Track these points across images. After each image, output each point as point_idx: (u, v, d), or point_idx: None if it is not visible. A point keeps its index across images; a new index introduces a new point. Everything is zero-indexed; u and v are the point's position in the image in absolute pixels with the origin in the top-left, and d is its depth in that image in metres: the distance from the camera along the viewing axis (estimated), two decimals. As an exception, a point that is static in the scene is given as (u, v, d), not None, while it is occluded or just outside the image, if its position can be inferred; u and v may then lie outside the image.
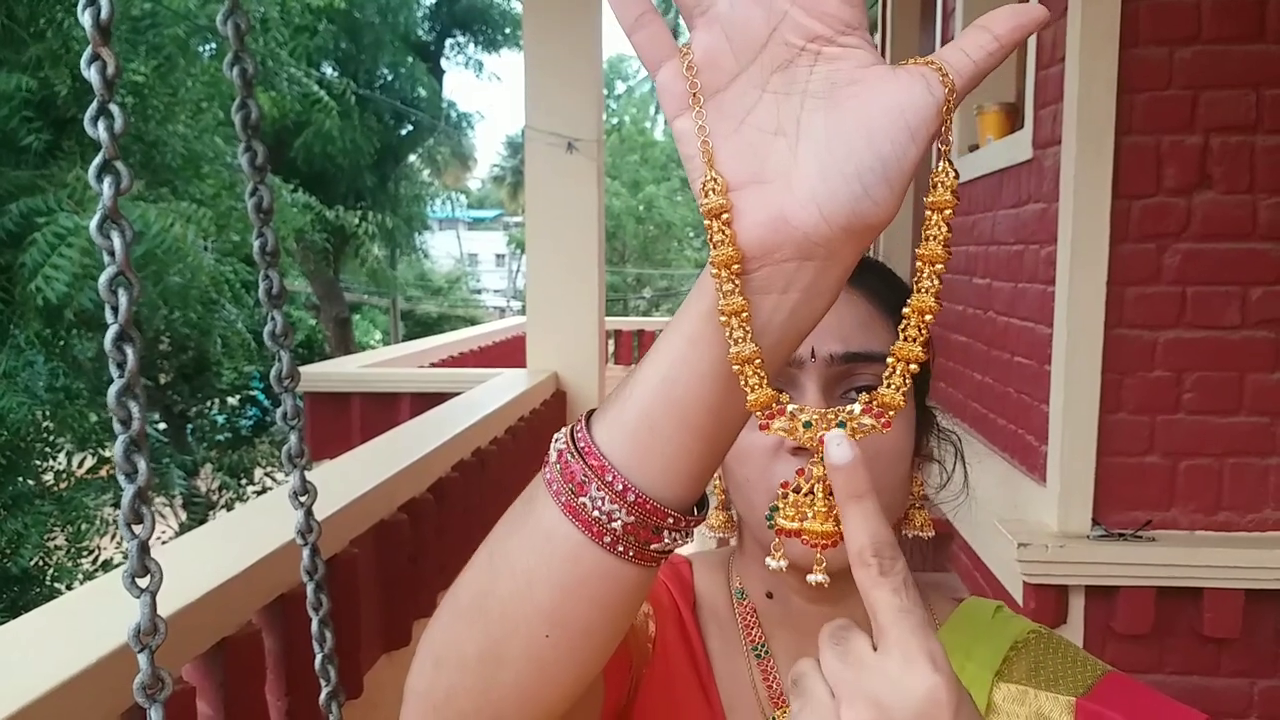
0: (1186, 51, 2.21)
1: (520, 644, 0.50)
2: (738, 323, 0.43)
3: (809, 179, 0.41)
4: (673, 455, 0.47)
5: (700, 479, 0.49)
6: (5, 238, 5.35)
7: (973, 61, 0.42)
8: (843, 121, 0.41)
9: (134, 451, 0.47)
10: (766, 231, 0.42)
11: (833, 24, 0.41)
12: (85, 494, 6.11)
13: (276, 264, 0.66)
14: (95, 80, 0.48)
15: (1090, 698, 0.68)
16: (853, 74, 0.41)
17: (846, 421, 0.45)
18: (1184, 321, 2.27)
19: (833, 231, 0.41)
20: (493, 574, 0.51)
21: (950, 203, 0.43)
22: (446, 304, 22.07)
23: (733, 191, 0.42)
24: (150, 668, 0.48)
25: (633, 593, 0.50)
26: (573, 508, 0.48)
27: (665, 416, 0.46)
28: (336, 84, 10.76)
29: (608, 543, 0.47)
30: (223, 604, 1.31)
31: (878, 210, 0.41)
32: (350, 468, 2.21)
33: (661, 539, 0.48)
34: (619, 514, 0.47)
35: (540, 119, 3.87)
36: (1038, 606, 2.32)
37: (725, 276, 0.43)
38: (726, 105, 0.43)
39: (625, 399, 0.48)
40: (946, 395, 3.64)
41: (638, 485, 0.47)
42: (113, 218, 0.48)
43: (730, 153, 0.43)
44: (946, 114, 0.41)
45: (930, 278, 0.44)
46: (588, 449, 0.48)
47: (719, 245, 0.42)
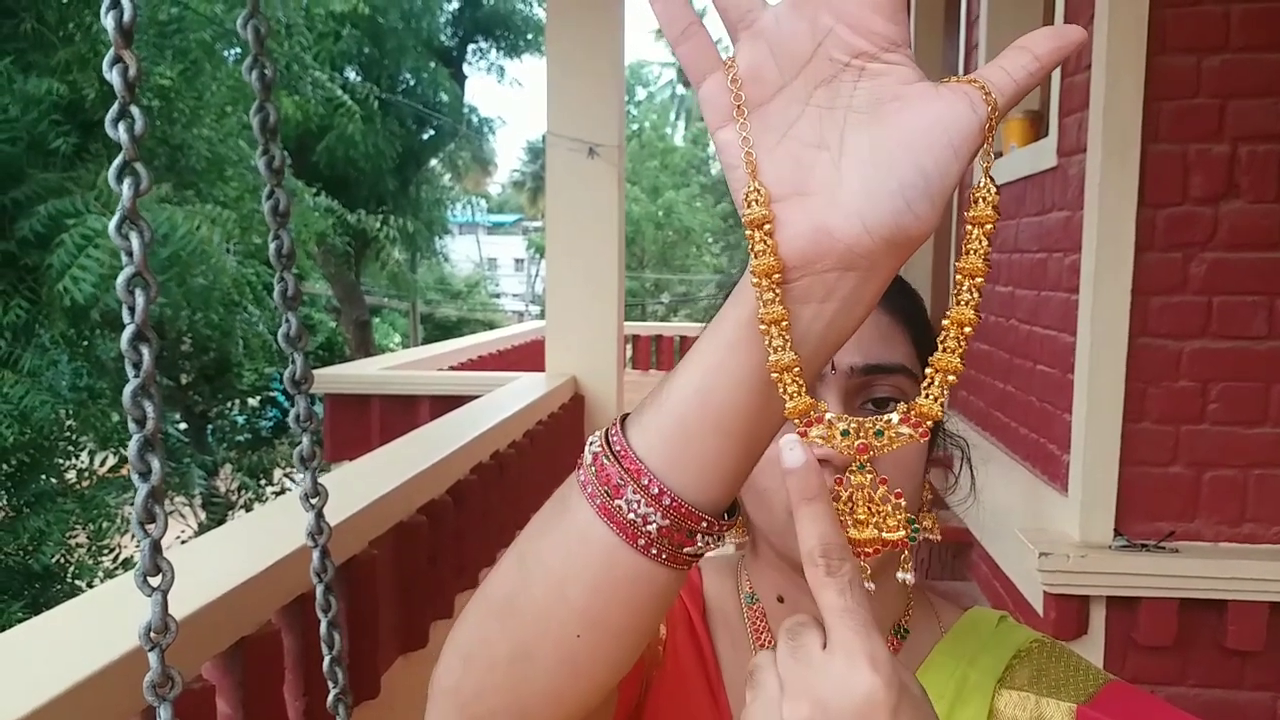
0: (1215, 60, 2.18)
1: (551, 644, 0.51)
2: (777, 331, 0.44)
3: (853, 193, 0.42)
4: (708, 460, 0.47)
5: (735, 483, 0.49)
6: (33, 239, 5.41)
7: (1014, 80, 0.42)
8: (887, 137, 0.42)
9: (148, 451, 0.47)
10: (808, 243, 0.43)
11: (877, 41, 0.42)
12: (107, 492, 6.17)
13: (292, 266, 0.66)
14: (117, 82, 0.48)
15: (1092, 705, 0.68)
16: (896, 90, 0.42)
17: (884, 430, 0.46)
18: (1209, 331, 2.24)
19: (875, 244, 0.42)
20: (524, 574, 0.52)
21: (991, 218, 0.44)
22: (466, 308, 22.14)
23: (775, 203, 0.43)
24: (160, 666, 0.48)
25: (663, 594, 0.50)
26: (608, 510, 0.48)
27: (702, 422, 0.47)
28: (359, 89, 10.83)
29: (641, 545, 0.48)
30: (242, 603, 1.31)
31: (920, 224, 0.42)
32: (370, 469, 2.22)
33: (694, 542, 0.49)
34: (654, 517, 0.47)
35: (562, 124, 3.88)
36: (1058, 617, 2.30)
37: (766, 285, 0.43)
38: (770, 118, 0.43)
39: (661, 404, 0.48)
40: (968, 403, 3.61)
41: (673, 489, 0.47)
42: (131, 219, 0.48)
43: (773, 164, 0.43)
44: (988, 132, 0.42)
45: (970, 290, 0.44)
46: (624, 452, 0.48)
47: (760, 255, 0.43)
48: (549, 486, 1.81)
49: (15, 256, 5.55)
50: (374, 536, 1.86)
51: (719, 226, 24.45)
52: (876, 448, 0.46)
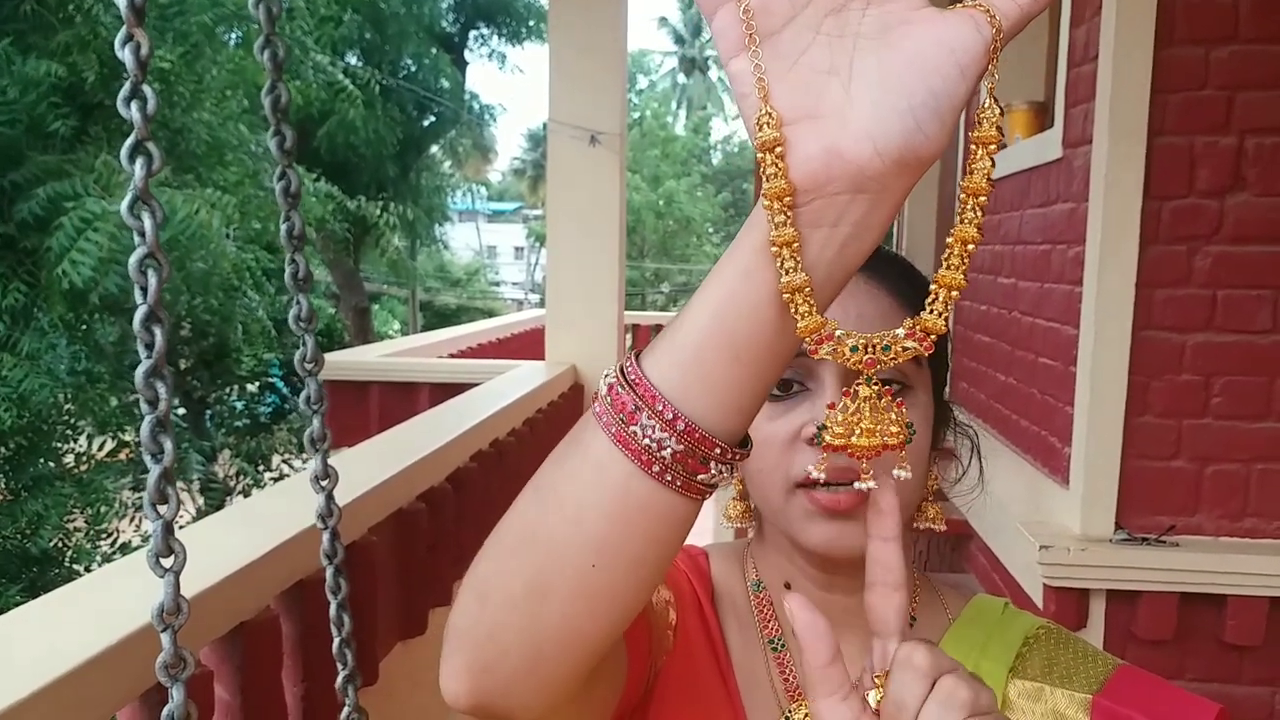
0: (1223, 51, 2.17)
1: (568, 576, 0.51)
2: (789, 253, 0.44)
3: (863, 114, 0.43)
4: (722, 386, 0.48)
5: (748, 411, 0.50)
6: (32, 222, 5.39)
7: (1018, 6, 0.43)
8: (895, 59, 0.42)
9: (160, 432, 0.46)
10: (820, 165, 0.43)
11: None
12: (105, 476, 6.17)
13: (303, 248, 0.65)
14: (129, 61, 0.48)
15: (1105, 694, 0.69)
16: (904, 15, 0.43)
17: (891, 345, 0.47)
18: (1214, 325, 2.24)
19: (885, 165, 0.43)
20: (540, 508, 0.52)
21: (995, 138, 0.45)
22: (465, 295, 22.13)
23: (786, 126, 0.44)
24: (173, 647, 0.48)
25: (678, 523, 0.51)
26: (623, 437, 0.49)
27: (716, 348, 0.48)
28: (361, 74, 10.79)
29: (656, 471, 0.48)
30: (241, 588, 1.31)
31: (929, 143, 0.43)
32: (369, 456, 2.21)
33: (708, 469, 0.49)
34: (668, 442, 0.48)
35: (563, 111, 3.86)
36: (1058, 610, 2.30)
37: (777, 208, 0.44)
38: (781, 47, 0.44)
39: (675, 333, 0.49)
40: (969, 396, 3.61)
41: (688, 414, 0.48)
42: (143, 198, 0.48)
43: (784, 90, 0.44)
44: (993, 54, 0.43)
45: (974, 209, 0.45)
46: (638, 380, 0.49)
47: (771, 178, 0.44)
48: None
49: (14, 239, 5.54)
50: (373, 523, 1.85)
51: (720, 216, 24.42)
52: (884, 361, 0.47)
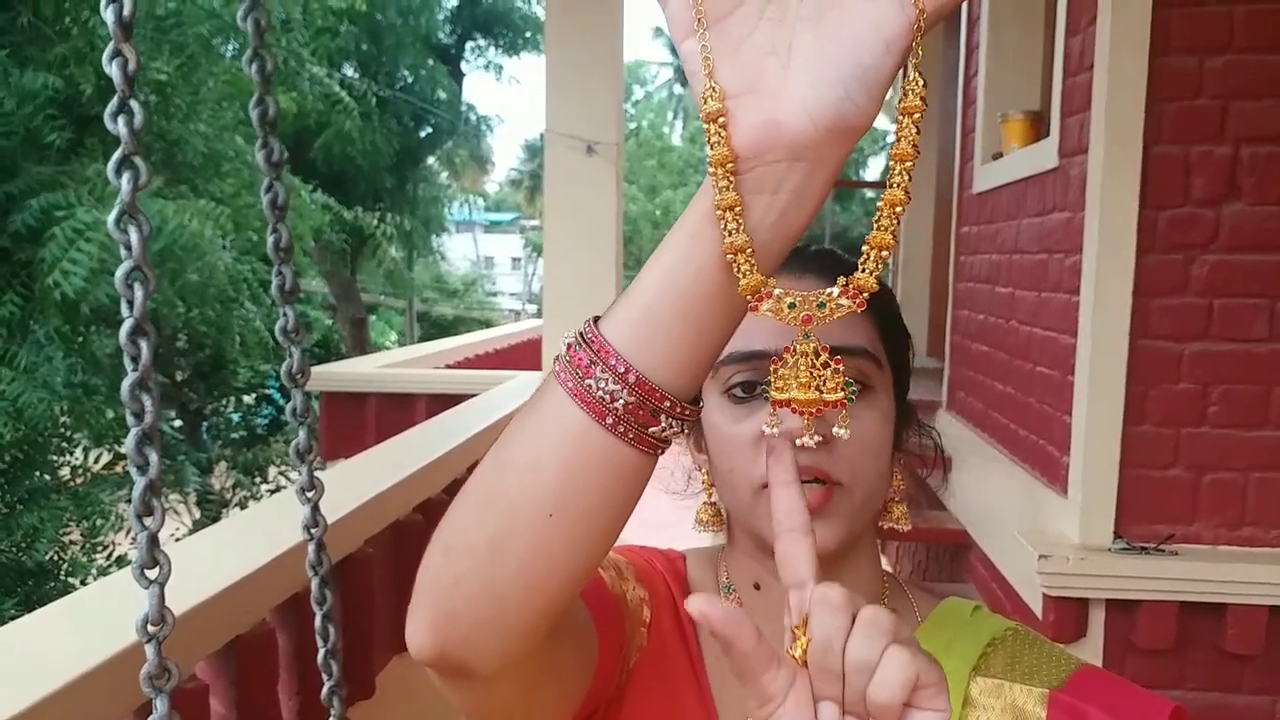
0: (1217, 61, 2.18)
1: (525, 526, 0.54)
2: (732, 216, 0.48)
3: (798, 87, 0.46)
4: (672, 343, 0.51)
5: (697, 369, 0.53)
6: (26, 233, 5.39)
7: None
8: (828, 37, 0.46)
9: (146, 444, 0.46)
10: (759, 134, 0.47)
11: None
12: (101, 489, 6.15)
13: (290, 260, 0.65)
14: (116, 76, 0.48)
15: (1064, 690, 0.70)
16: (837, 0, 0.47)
17: (826, 302, 0.50)
18: (1211, 334, 2.24)
19: (819, 133, 0.46)
20: (500, 464, 0.55)
21: (919, 108, 0.47)
22: (462, 306, 22.12)
23: (730, 99, 0.47)
24: (157, 658, 0.48)
25: (631, 477, 0.54)
26: (579, 390, 0.52)
27: (666, 307, 0.51)
28: (357, 85, 10.81)
29: (609, 423, 0.51)
30: (236, 602, 1.30)
31: (858, 113, 0.46)
32: (366, 467, 2.21)
33: (659, 422, 0.52)
34: (621, 394, 0.51)
35: (560, 122, 3.87)
36: (1057, 619, 2.29)
37: (721, 174, 0.47)
38: (728, 31, 0.48)
39: (629, 295, 0.53)
40: (967, 404, 3.61)
41: (638, 368, 0.51)
42: (130, 212, 0.48)
43: (729, 68, 0.48)
44: (917, 31, 0.46)
45: (901, 174, 0.48)
46: (594, 337, 0.52)
47: (715, 146, 0.47)
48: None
49: (9, 251, 5.53)
50: (370, 535, 1.85)
51: (716, 226, 24.36)
52: (820, 318, 0.50)
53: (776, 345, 0.70)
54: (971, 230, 3.64)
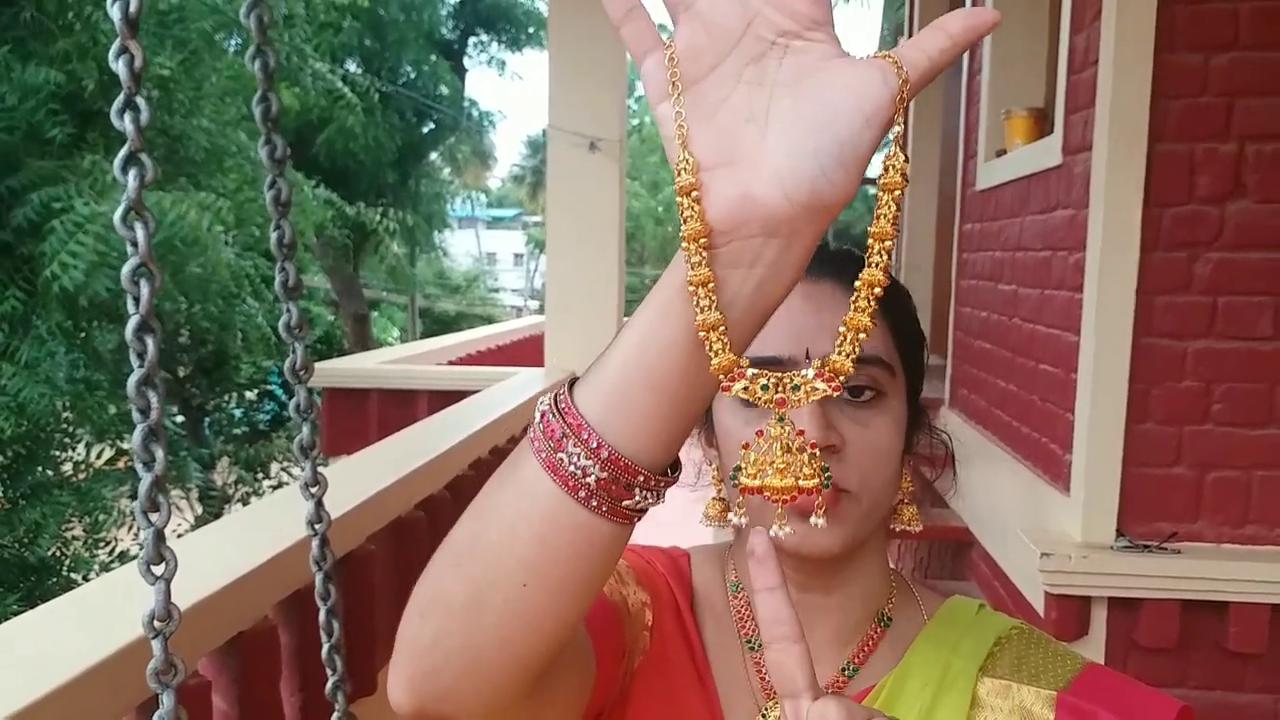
0: (1223, 58, 2.17)
1: (501, 592, 0.54)
2: (704, 293, 0.47)
3: (774, 160, 0.45)
4: (644, 416, 0.50)
5: (671, 441, 0.52)
6: (28, 228, 5.38)
7: (928, 58, 0.45)
8: (805, 107, 0.45)
9: (152, 441, 0.46)
10: (735, 207, 0.46)
11: (801, 20, 0.45)
12: (103, 485, 6.14)
13: (293, 256, 0.65)
14: (123, 73, 0.48)
15: (1071, 691, 0.70)
16: (817, 65, 0.45)
17: (800, 385, 0.49)
18: (1214, 331, 2.23)
19: (794, 209, 0.45)
20: (477, 526, 0.56)
21: (900, 184, 0.46)
22: (464, 302, 22.11)
23: (705, 171, 0.46)
24: (164, 654, 0.48)
25: (607, 548, 0.53)
26: (551, 463, 0.51)
27: (638, 380, 0.50)
28: (360, 81, 10.79)
29: (582, 497, 0.51)
30: (239, 598, 1.30)
31: (834, 190, 0.45)
32: (368, 464, 2.20)
33: (633, 495, 0.51)
34: (593, 469, 0.50)
35: (563, 118, 3.86)
36: (1059, 617, 2.29)
37: (694, 250, 0.46)
38: (704, 93, 0.46)
39: (603, 364, 0.52)
40: (970, 402, 3.60)
41: (611, 443, 0.50)
42: (136, 209, 0.48)
43: (704, 135, 0.46)
44: (900, 104, 0.44)
45: (880, 253, 0.47)
46: (567, 408, 0.52)
47: (689, 220, 0.46)
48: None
49: (11, 246, 5.52)
50: (372, 531, 1.85)
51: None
52: (794, 401, 0.49)
53: (791, 351, 0.70)
54: (974, 227, 3.64)
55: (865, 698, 0.72)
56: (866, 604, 0.77)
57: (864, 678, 0.74)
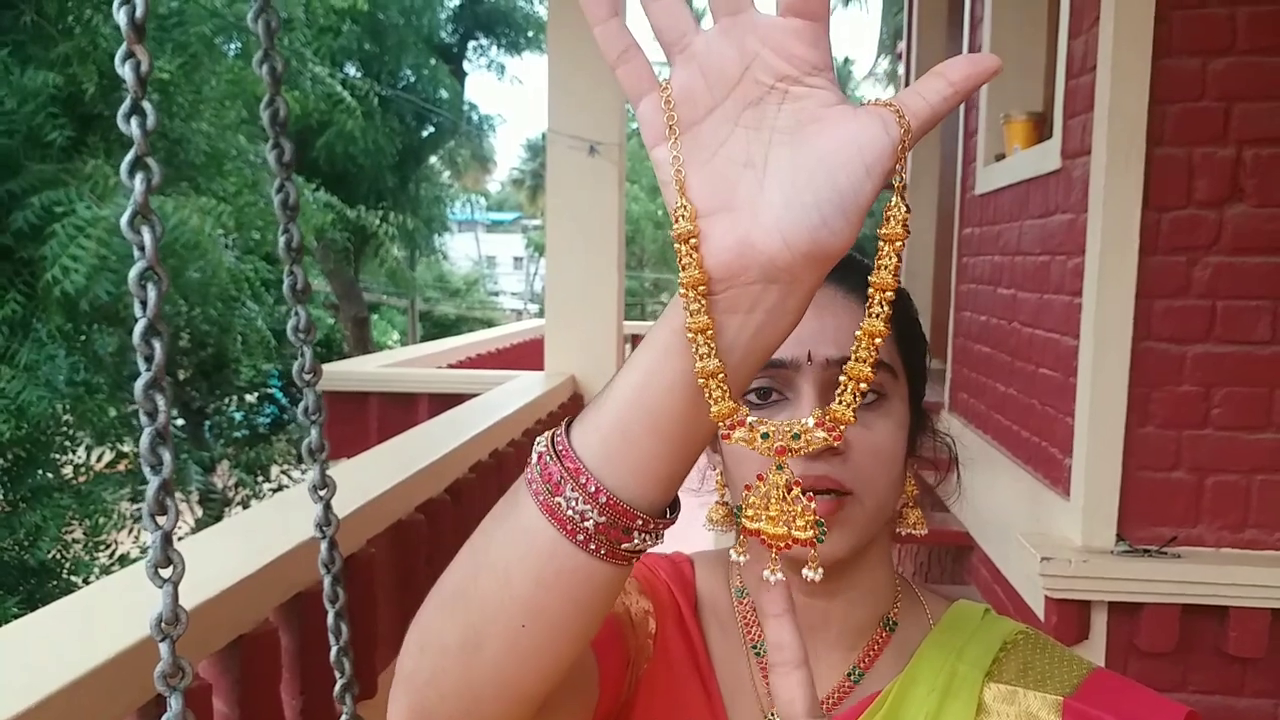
0: (1220, 63, 2.18)
1: (498, 633, 0.53)
2: (703, 340, 0.46)
3: (773, 208, 0.44)
4: (643, 460, 0.50)
5: (670, 483, 0.52)
6: (28, 231, 5.38)
7: (929, 105, 0.45)
8: (806, 155, 0.44)
9: (159, 444, 0.46)
10: (733, 255, 0.45)
11: (800, 65, 0.44)
12: (103, 488, 6.14)
13: (301, 260, 0.65)
14: (129, 77, 0.48)
15: (1077, 697, 0.70)
16: (816, 112, 0.45)
17: (801, 434, 0.48)
18: (1213, 336, 2.24)
19: (794, 258, 0.45)
20: (475, 566, 0.55)
21: (901, 235, 0.46)
22: (464, 305, 22.12)
23: (703, 218, 0.46)
24: (171, 657, 0.48)
25: (605, 588, 0.53)
26: (549, 506, 0.51)
27: (636, 423, 0.50)
28: (360, 85, 10.79)
29: (580, 540, 0.50)
30: (240, 601, 1.30)
31: (835, 239, 0.44)
32: (368, 467, 2.21)
33: (632, 539, 0.51)
34: (591, 514, 0.50)
35: (563, 122, 3.87)
36: (1059, 621, 2.29)
37: (692, 297, 0.46)
38: (702, 137, 0.46)
39: (602, 406, 0.51)
40: (969, 406, 3.61)
41: (609, 487, 0.50)
42: (143, 213, 0.48)
43: (702, 181, 0.46)
44: (901, 153, 0.44)
45: (881, 304, 0.46)
46: (565, 451, 0.51)
47: (687, 268, 0.46)
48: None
49: (11, 250, 5.52)
50: (372, 535, 1.85)
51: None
52: (794, 450, 0.48)
53: (795, 355, 0.70)
54: (974, 232, 3.64)
55: (871, 703, 0.72)
56: (872, 608, 0.77)
57: (870, 683, 0.74)
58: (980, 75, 0.45)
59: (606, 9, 0.48)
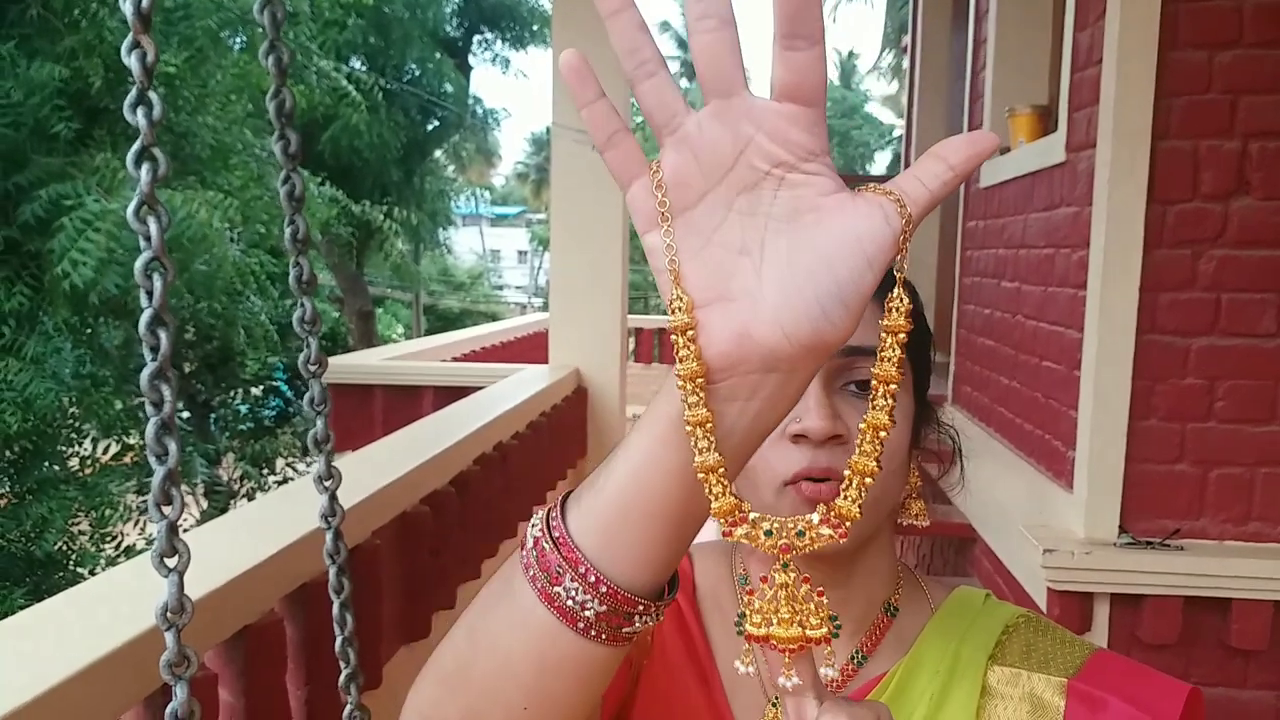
0: (1226, 55, 2.17)
1: (500, 713, 0.54)
2: (702, 433, 0.45)
3: (772, 300, 0.43)
4: (643, 546, 0.49)
5: (670, 565, 0.51)
6: (35, 224, 5.40)
7: (928, 190, 0.44)
8: (804, 246, 0.43)
9: (165, 434, 0.47)
10: (732, 347, 0.44)
11: (796, 151, 0.43)
12: (110, 480, 6.16)
13: (307, 252, 0.66)
14: (135, 67, 0.48)
15: (1080, 678, 0.71)
16: (814, 201, 0.43)
17: (806, 530, 0.46)
18: (1218, 329, 2.24)
19: (794, 349, 0.44)
20: (473, 647, 0.55)
21: (904, 327, 0.45)
22: (468, 299, 22.14)
23: (700, 308, 0.45)
24: (177, 646, 0.49)
25: (606, 668, 0.53)
26: (548, 595, 0.50)
27: (635, 510, 0.49)
28: (365, 79, 10.80)
29: (581, 628, 0.50)
30: (245, 591, 1.31)
31: (835, 332, 0.44)
32: (373, 459, 2.21)
33: (633, 623, 0.51)
34: (591, 604, 0.49)
35: (567, 115, 3.86)
36: (1062, 613, 2.30)
37: (690, 389, 0.45)
38: (695, 222, 0.45)
39: (599, 491, 0.50)
40: (973, 399, 3.61)
41: (610, 577, 0.49)
42: (149, 203, 0.48)
43: (698, 269, 0.45)
44: (903, 244, 0.43)
45: (885, 396, 0.45)
46: (562, 539, 0.50)
47: (684, 360, 0.44)
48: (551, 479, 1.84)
49: (18, 243, 5.54)
50: (377, 526, 1.85)
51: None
52: (798, 547, 0.46)
53: None
54: (978, 225, 3.64)
55: (875, 686, 0.72)
56: (874, 594, 0.77)
57: (873, 666, 0.75)
58: (980, 155, 0.44)
59: (594, 90, 0.47)
